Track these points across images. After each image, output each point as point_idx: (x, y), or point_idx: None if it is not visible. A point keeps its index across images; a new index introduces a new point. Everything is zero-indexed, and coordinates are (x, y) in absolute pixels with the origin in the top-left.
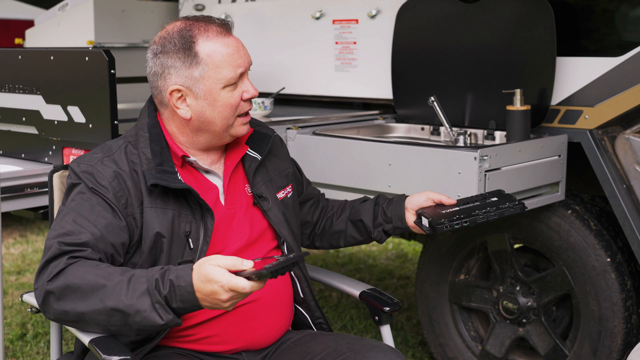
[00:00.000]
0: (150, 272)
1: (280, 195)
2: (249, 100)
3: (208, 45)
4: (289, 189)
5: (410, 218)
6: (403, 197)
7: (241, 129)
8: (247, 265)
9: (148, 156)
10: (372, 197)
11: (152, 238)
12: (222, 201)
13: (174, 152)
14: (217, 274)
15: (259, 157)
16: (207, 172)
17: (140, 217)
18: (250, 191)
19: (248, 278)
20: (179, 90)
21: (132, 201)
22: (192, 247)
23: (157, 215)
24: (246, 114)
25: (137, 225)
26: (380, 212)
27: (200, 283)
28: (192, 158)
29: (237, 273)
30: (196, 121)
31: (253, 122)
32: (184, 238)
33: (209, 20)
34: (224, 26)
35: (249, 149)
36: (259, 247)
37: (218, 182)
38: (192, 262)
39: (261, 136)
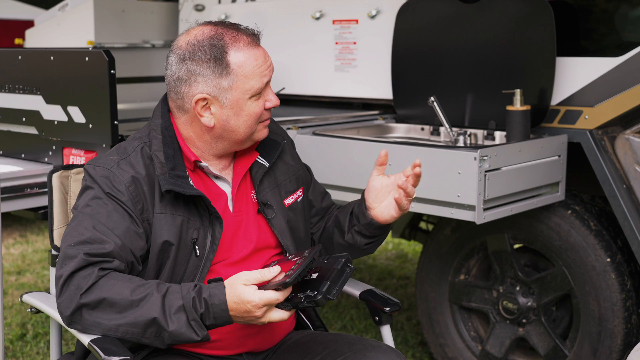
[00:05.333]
0: (184, 288)
1: (289, 200)
2: (270, 108)
3: (239, 56)
4: (299, 192)
5: (373, 211)
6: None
7: (263, 132)
8: (275, 271)
9: (161, 160)
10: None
11: (159, 246)
12: (231, 208)
13: (186, 156)
14: (249, 294)
15: (266, 164)
16: (217, 177)
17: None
18: (255, 198)
19: (275, 289)
20: (205, 99)
21: (147, 206)
22: (198, 254)
23: (167, 222)
24: (267, 119)
25: (151, 232)
26: (353, 214)
27: (233, 303)
28: (204, 163)
29: (263, 284)
30: (219, 129)
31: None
32: (191, 245)
33: (238, 29)
34: (253, 36)
35: (258, 156)
36: (264, 255)
37: (227, 189)
38: (221, 279)
39: (271, 143)
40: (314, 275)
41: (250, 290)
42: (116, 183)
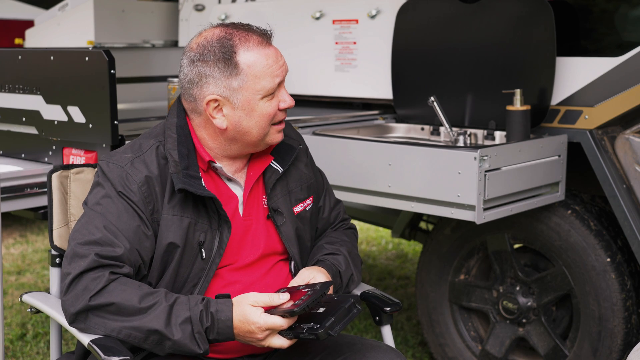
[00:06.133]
0: (192, 300)
1: (298, 209)
2: (284, 109)
3: (248, 56)
4: (308, 201)
5: None
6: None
7: (276, 136)
8: (284, 298)
9: (175, 158)
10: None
11: (164, 247)
12: (241, 212)
13: (200, 156)
14: (255, 316)
15: (280, 169)
16: (229, 180)
17: None
18: (266, 203)
19: (282, 315)
20: (216, 100)
21: (158, 207)
22: (204, 257)
23: (174, 223)
24: (280, 122)
25: (158, 232)
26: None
27: (238, 321)
28: (218, 164)
29: (270, 309)
30: (232, 131)
31: (284, 131)
32: (197, 248)
33: (248, 29)
34: (264, 36)
35: (272, 161)
36: (270, 261)
37: (238, 192)
38: (229, 296)
39: (287, 147)
40: (321, 310)
41: (257, 312)
42: (129, 182)
